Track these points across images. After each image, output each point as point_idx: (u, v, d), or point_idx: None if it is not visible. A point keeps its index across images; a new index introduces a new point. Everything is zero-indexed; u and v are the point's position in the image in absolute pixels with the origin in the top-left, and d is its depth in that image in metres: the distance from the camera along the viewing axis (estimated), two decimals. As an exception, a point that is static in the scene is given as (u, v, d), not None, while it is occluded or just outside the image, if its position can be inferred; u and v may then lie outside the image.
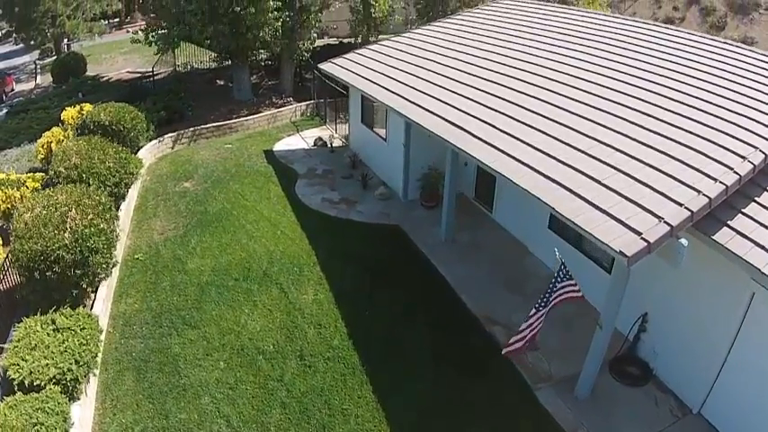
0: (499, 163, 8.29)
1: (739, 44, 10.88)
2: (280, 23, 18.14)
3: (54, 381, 6.99)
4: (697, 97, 8.50)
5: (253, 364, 8.92)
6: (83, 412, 7.39)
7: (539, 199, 7.27)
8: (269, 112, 19.64)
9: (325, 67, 15.55)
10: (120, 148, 12.20)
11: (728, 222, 6.53)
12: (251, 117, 19.09)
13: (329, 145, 17.52)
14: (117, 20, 37.56)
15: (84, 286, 8.57)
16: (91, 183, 10.28)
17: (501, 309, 9.98)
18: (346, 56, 15.64)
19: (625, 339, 8.66)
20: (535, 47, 12.26)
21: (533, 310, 7.00)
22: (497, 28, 14.36)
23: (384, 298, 10.39)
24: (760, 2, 30.93)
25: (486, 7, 16.64)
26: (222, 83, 22.55)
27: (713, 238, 6.43)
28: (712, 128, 7.55)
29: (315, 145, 17.78)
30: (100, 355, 8.38)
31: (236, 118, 19.04)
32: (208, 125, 18.14)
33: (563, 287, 6.87)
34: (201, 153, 16.97)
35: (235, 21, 17.19)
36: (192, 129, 17.74)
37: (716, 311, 7.15)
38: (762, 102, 8.09)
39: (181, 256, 11.60)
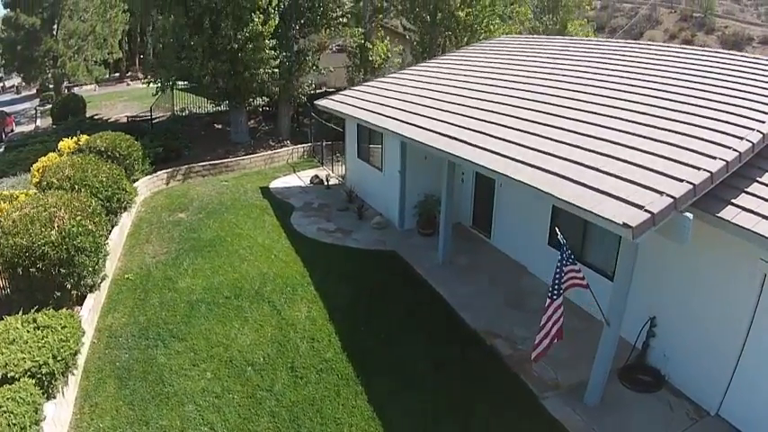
0: (497, 163, 8.27)
1: (727, 51, 11.28)
2: (277, 63, 18.65)
3: (29, 374, 6.58)
4: (688, 95, 8.64)
5: (241, 375, 8.47)
6: (58, 412, 6.91)
7: (538, 190, 7.17)
8: (266, 153, 19.88)
9: (322, 102, 15.90)
10: (114, 166, 12.17)
11: (732, 201, 6.45)
12: (247, 157, 19.30)
13: (326, 183, 17.58)
14: (117, 74, 38.65)
15: (69, 287, 8.25)
16: (82, 192, 10.15)
17: (502, 323, 9.67)
18: (342, 92, 16.03)
19: (633, 347, 8.31)
20: (525, 68, 12.70)
21: (548, 301, 6.74)
22: (492, 56, 14.93)
23: (380, 315, 10.05)
24: (753, 36, 32.20)
25: (482, 43, 17.25)
26: (220, 126, 22.94)
27: (718, 215, 6.29)
28: (706, 117, 7.60)
29: (311, 183, 17.86)
30: (82, 357, 7.97)
31: (232, 158, 19.20)
32: (204, 163, 18.30)
33: (569, 272, 6.66)
34: (197, 188, 16.99)
35: (233, 59, 17.69)
36: (187, 166, 17.85)
37: (727, 304, 6.90)
38: (752, 92, 8.23)
39: (172, 276, 11.31)
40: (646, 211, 5.80)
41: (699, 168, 6.28)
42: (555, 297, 6.66)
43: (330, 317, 9.94)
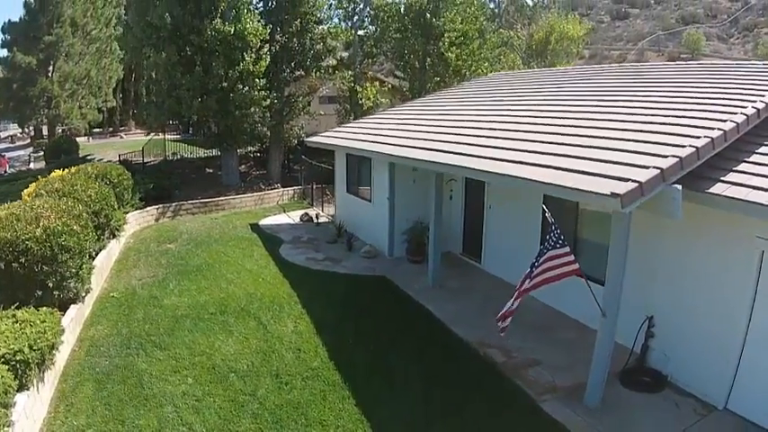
0: (484, 164, 8.42)
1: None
2: (268, 103, 19.09)
3: (2, 360, 6.34)
4: (670, 94, 9.08)
5: (223, 381, 8.18)
6: (32, 405, 6.62)
7: (526, 180, 7.24)
8: (256, 194, 20.08)
9: (314, 138, 16.29)
10: (102, 184, 12.23)
11: (721, 178, 6.53)
12: (238, 196, 19.47)
13: (315, 220, 17.68)
14: (111, 128, 39.30)
15: (51, 286, 8.09)
16: (70, 200, 10.13)
17: (495, 335, 9.36)
18: (332, 129, 16.46)
19: (631, 351, 8.06)
20: (510, 94, 13.26)
21: (527, 271, 6.71)
22: (479, 89, 15.43)
23: (369, 329, 9.86)
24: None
25: (468, 81, 17.95)
26: (211, 170, 23.23)
27: (709, 191, 6.37)
28: (688, 109, 7.88)
29: (301, 221, 17.96)
30: (61, 360, 7.73)
31: (223, 197, 19.33)
32: (194, 201, 18.44)
33: (558, 257, 6.60)
34: (187, 224, 17.03)
35: (224, 98, 18.09)
36: (177, 203, 17.94)
37: (726, 292, 6.83)
38: (728, 86, 8.62)
39: (157, 295, 11.14)
40: (633, 181, 5.88)
41: (684, 146, 6.43)
42: (533, 270, 6.60)
43: (317, 331, 9.74)
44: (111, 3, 29.51)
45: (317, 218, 17.81)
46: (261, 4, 20.79)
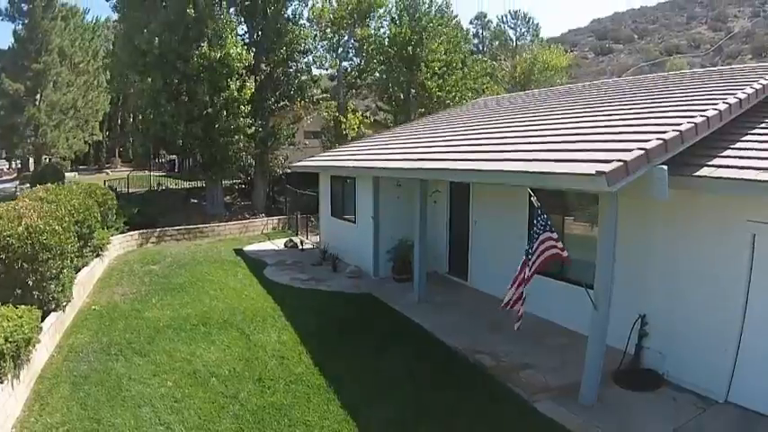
0: (470, 165, 8.58)
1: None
2: (252, 131, 19.23)
3: (-23, 350, 6.19)
4: (651, 94, 9.41)
5: (204, 384, 7.97)
6: (5, 401, 6.41)
7: (512, 172, 7.35)
8: (241, 223, 20.05)
9: (298, 163, 16.48)
10: (87, 196, 12.16)
11: (707, 163, 6.67)
12: (223, 224, 19.44)
13: (300, 246, 17.65)
14: (96, 166, 39.23)
15: (30, 285, 7.94)
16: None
17: (484, 343, 9.34)
18: (317, 155, 16.70)
19: (624, 353, 7.90)
20: (493, 112, 13.51)
21: (522, 259, 6.75)
22: (461, 111, 15.80)
23: (354, 339, 9.75)
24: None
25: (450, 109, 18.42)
26: (196, 201, 23.16)
27: (697, 174, 6.50)
28: (669, 101, 8.18)
29: (285, 247, 17.90)
30: (38, 360, 7.52)
31: (207, 224, 19.26)
32: (178, 227, 18.34)
33: (546, 240, 6.66)
34: (171, 249, 16.93)
35: (209, 126, 18.19)
36: (161, 229, 17.83)
37: (719, 282, 6.86)
38: (708, 87, 8.96)
39: (139, 308, 10.97)
40: (618, 160, 5.98)
41: (666, 132, 6.61)
42: (529, 257, 6.66)
43: (301, 340, 9.59)
44: (99, 36, 30.01)
45: (301, 244, 17.79)
46: (247, 35, 21.27)
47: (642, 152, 6.11)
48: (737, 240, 6.67)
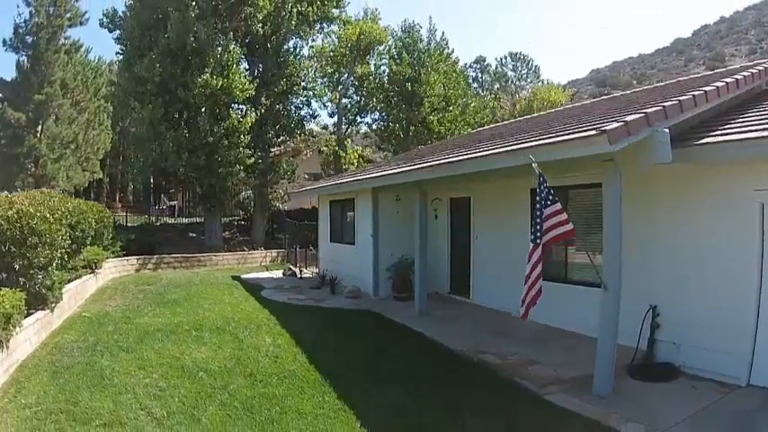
0: (468, 156, 8.49)
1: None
2: (252, 161, 19.18)
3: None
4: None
5: (192, 376, 7.52)
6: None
7: (511, 151, 7.26)
8: (239, 254, 19.77)
9: (296, 191, 16.46)
10: (81, 204, 11.95)
11: (709, 134, 6.58)
12: (221, 254, 19.16)
13: (299, 274, 17.34)
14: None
15: (17, 269, 7.65)
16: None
17: (488, 345, 8.93)
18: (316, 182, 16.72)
19: (637, 348, 7.45)
20: (487, 135, 13.46)
21: (531, 246, 6.40)
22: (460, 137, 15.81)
23: (353, 346, 9.29)
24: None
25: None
26: (194, 235, 22.94)
27: (698, 143, 6.38)
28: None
29: (284, 274, 17.59)
30: (20, 350, 7.18)
31: (205, 254, 18.99)
32: (176, 255, 18.04)
33: (552, 215, 6.31)
34: (168, 274, 16.58)
35: (209, 156, 18.13)
36: (158, 256, 17.56)
37: (730, 259, 6.60)
38: None
39: (131, 316, 10.61)
40: (619, 121, 5.91)
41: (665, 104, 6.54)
42: (538, 241, 6.33)
43: (297, 343, 9.18)
44: (101, 75, 30.68)
45: (300, 272, 17.47)
46: (247, 72, 21.63)
47: (642, 115, 6.06)
48: (746, 213, 6.45)
